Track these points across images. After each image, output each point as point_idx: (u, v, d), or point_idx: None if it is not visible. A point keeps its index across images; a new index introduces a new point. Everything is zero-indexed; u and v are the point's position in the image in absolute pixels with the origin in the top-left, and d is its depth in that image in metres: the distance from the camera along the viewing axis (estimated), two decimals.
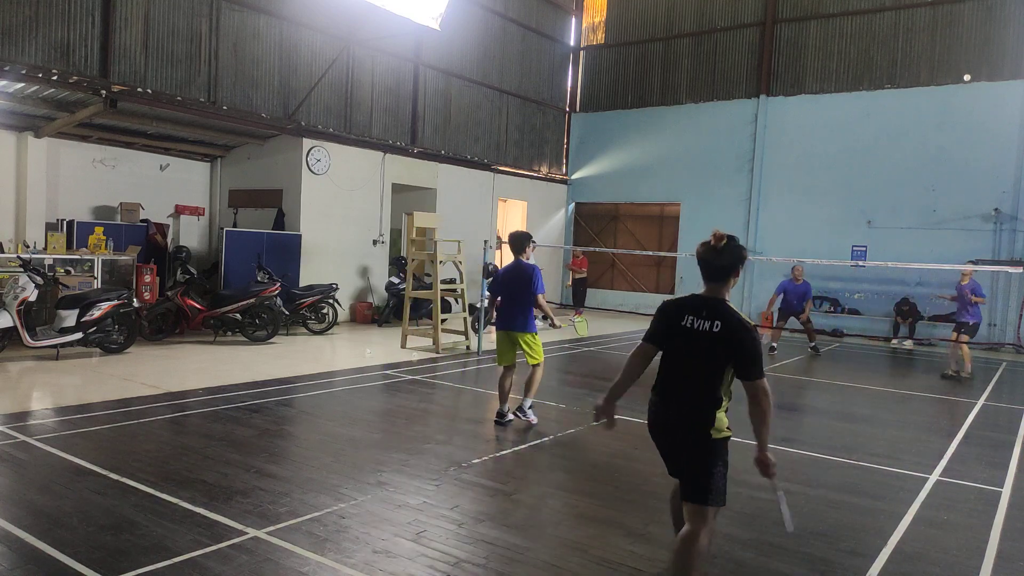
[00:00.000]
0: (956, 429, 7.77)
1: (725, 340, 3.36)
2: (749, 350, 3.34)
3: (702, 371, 3.43)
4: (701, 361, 3.43)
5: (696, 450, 3.44)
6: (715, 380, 3.41)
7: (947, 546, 4.52)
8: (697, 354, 3.43)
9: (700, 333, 3.42)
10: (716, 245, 3.48)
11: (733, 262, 3.48)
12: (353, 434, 6.55)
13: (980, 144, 15.69)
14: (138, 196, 13.63)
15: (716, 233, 3.50)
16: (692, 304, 3.53)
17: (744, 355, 3.34)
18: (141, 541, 3.99)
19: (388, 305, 14.62)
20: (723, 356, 3.38)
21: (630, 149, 20.49)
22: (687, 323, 3.48)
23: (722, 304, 3.46)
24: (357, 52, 14.90)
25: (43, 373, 8.53)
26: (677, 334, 3.51)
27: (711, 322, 3.40)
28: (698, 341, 3.42)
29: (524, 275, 6.97)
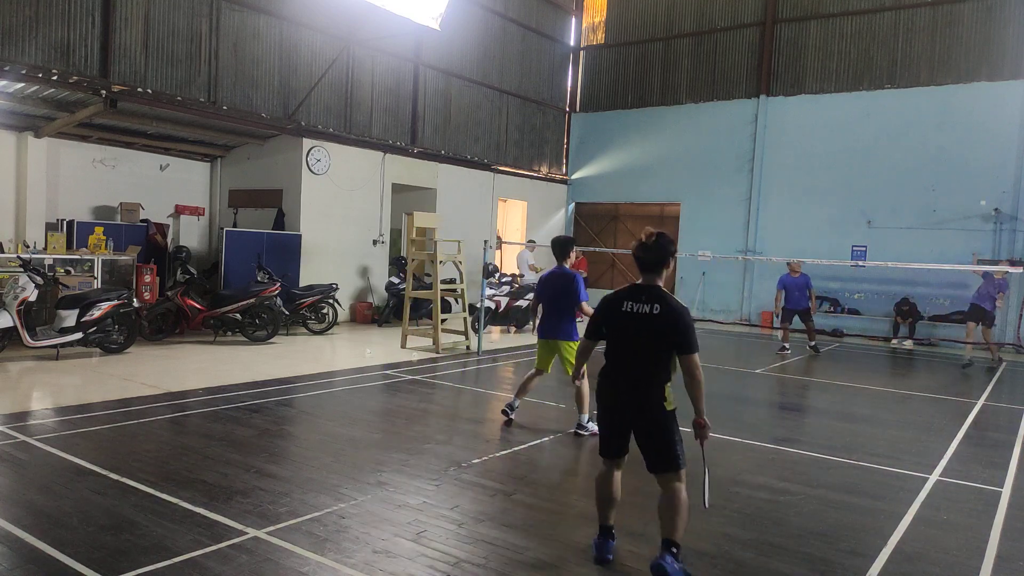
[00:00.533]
0: (956, 429, 7.77)
1: (663, 319, 3.81)
2: (685, 327, 3.80)
3: (649, 349, 3.87)
4: (646, 340, 3.87)
5: (657, 427, 3.87)
6: (662, 357, 3.86)
7: (947, 546, 4.52)
8: (641, 334, 3.87)
9: (641, 316, 3.87)
10: (647, 241, 3.97)
11: (663, 255, 3.96)
12: (353, 434, 6.55)
13: (980, 144, 15.69)
14: (138, 196, 13.63)
15: (647, 231, 3.98)
16: (630, 292, 3.98)
17: (680, 332, 3.80)
18: (141, 541, 3.99)
19: (388, 305, 14.63)
20: (664, 334, 3.82)
21: (630, 149, 20.49)
22: (627, 308, 3.92)
23: (658, 289, 3.93)
24: (357, 52, 14.90)
25: (43, 373, 8.53)
26: (619, 319, 3.95)
27: (650, 305, 3.86)
28: (640, 322, 3.87)
29: (565, 282, 6.83)
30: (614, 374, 3.99)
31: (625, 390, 3.93)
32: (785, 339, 13.50)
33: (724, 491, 5.37)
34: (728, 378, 10.75)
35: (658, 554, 3.80)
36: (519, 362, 11.19)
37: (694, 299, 19.18)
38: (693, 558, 4.14)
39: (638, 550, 4.23)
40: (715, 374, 10.97)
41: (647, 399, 3.86)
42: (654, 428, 3.88)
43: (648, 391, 3.86)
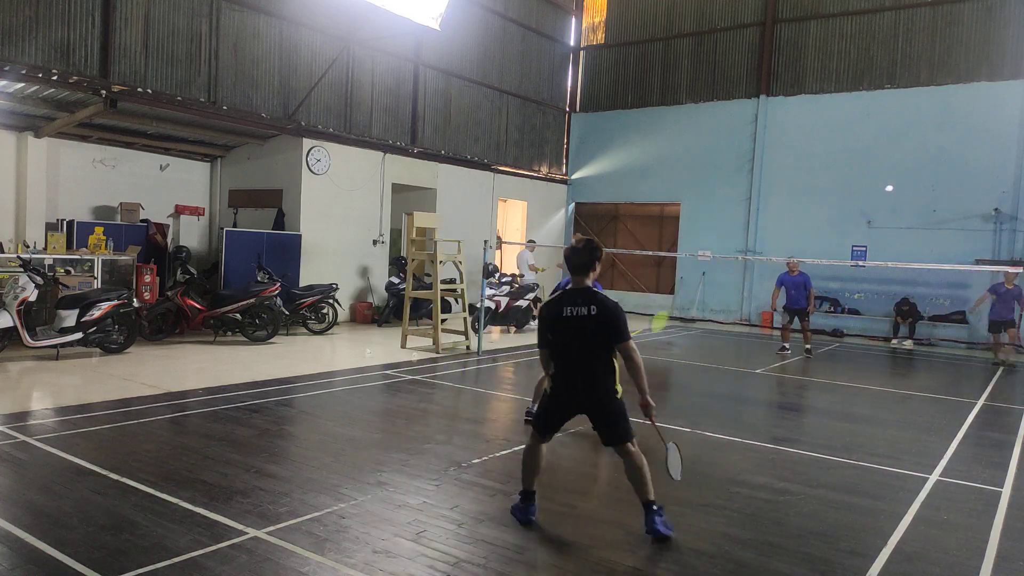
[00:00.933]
0: (956, 429, 7.77)
1: (601, 318, 4.34)
2: (618, 321, 4.34)
3: (593, 345, 4.38)
4: (589, 337, 4.37)
5: (609, 412, 4.45)
6: (606, 351, 4.41)
7: (947, 546, 4.52)
8: (584, 334, 4.37)
9: (580, 317, 4.36)
10: (577, 245, 4.51)
11: (591, 258, 4.47)
12: (353, 434, 6.55)
13: (980, 144, 15.69)
14: (138, 196, 13.63)
15: (576, 236, 4.61)
16: (567, 298, 4.45)
17: (615, 326, 4.34)
18: (141, 541, 3.99)
19: (388, 305, 14.62)
20: (602, 330, 4.35)
21: (630, 149, 20.49)
22: (568, 312, 4.40)
23: (591, 291, 4.43)
24: (357, 52, 14.90)
25: (43, 373, 8.53)
26: (562, 323, 4.41)
27: (587, 307, 4.36)
28: (581, 323, 4.36)
29: None
30: (570, 371, 4.45)
31: (582, 386, 4.43)
32: (785, 339, 13.41)
33: (724, 491, 5.38)
34: (728, 378, 10.75)
35: (646, 519, 4.38)
36: (519, 362, 11.20)
37: (694, 299, 19.19)
38: (693, 558, 4.15)
39: (638, 550, 4.23)
40: (715, 374, 10.97)
41: (602, 390, 4.43)
42: (608, 413, 4.46)
43: (603, 383, 4.42)
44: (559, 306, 4.44)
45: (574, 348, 4.42)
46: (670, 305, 19.65)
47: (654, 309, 19.87)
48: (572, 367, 4.44)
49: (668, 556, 4.16)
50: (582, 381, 4.43)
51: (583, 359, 4.41)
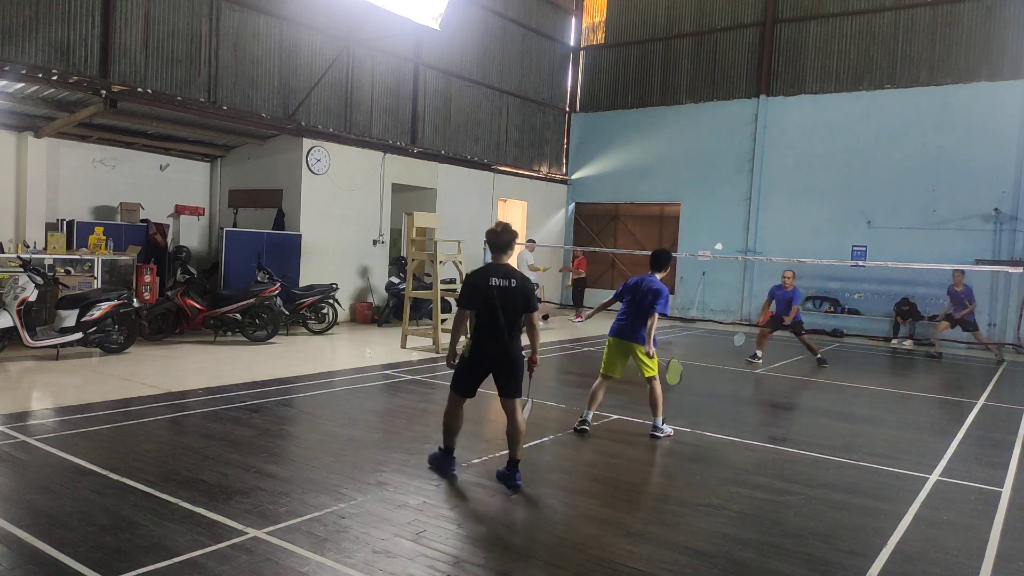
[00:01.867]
0: (956, 429, 7.77)
1: (519, 289, 5.19)
2: (531, 294, 5.30)
3: (512, 312, 5.18)
4: (510, 306, 5.17)
5: (515, 367, 5.21)
6: (519, 318, 5.26)
7: (947, 546, 4.52)
8: (507, 302, 5.16)
9: (504, 288, 5.17)
10: (496, 229, 5.37)
11: (509, 240, 5.37)
12: (353, 434, 6.55)
13: (980, 144, 15.69)
14: (138, 196, 13.63)
15: (498, 221, 5.50)
16: (492, 270, 5.27)
17: (529, 297, 5.26)
18: (141, 541, 3.99)
19: (388, 305, 14.62)
20: (520, 300, 5.20)
21: (630, 149, 20.49)
22: (493, 283, 5.18)
23: (510, 267, 5.32)
24: (357, 52, 14.90)
25: (43, 373, 8.53)
26: (488, 292, 5.15)
27: (508, 280, 5.20)
28: (505, 292, 5.16)
29: (654, 289, 6.91)
30: (490, 333, 5.17)
31: (499, 345, 5.16)
32: (759, 347, 12.07)
33: (724, 491, 5.38)
34: (728, 378, 10.74)
35: (508, 471, 5.21)
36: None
37: (694, 299, 19.19)
38: (693, 558, 4.15)
39: (638, 551, 4.23)
40: (715, 374, 10.97)
41: (513, 348, 5.19)
42: (514, 368, 5.20)
43: (515, 343, 5.20)
44: (486, 276, 5.21)
45: (499, 313, 5.14)
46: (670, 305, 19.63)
47: None
48: (494, 329, 5.15)
49: (668, 556, 4.16)
50: (503, 340, 5.15)
51: (503, 323, 5.15)
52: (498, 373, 5.22)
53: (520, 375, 5.23)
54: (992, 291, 15.54)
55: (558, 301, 20.78)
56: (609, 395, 8.58)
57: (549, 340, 13.86)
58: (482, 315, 5.19)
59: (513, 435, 5.22)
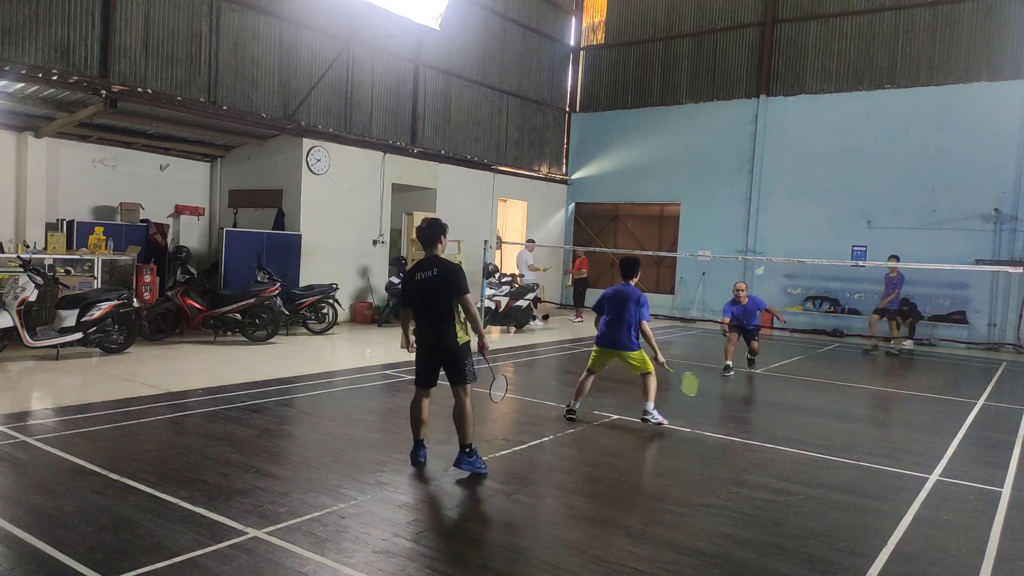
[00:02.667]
0: (956, 429, 7.76)
1: (441, 276, 5.33)
2: (457, 278, 5.32)
3: (440, 301, 5.32)
4: (434, 294, 5.33)
5: (455, 355, 5.38)
6: (447, 303, 5.32)
7: (947, 546, 4.52)
8: (431, 291, 5.34)
9: (427, 279, 5.35)
10: (423, 225, 5.52)
11: (437, 233, 5.47)
12: (353, 434, 6.55)
13: (980, 144, 15.69)
14: (138, 196, 13.63)
15: (424, 218, 5.83)
16: (419, 265, 5.48)
17: (454, 283, 5.31)
18: (141, 541, 3.99)
19: (388, 305, 14.62)
20: (443, 286, 5.31)
21: (630, 149, 20.49)
22: (419, 276, 5.39)
23: (437, 258, 5.43)
24: (357, 52, 14.90)
25: (43, 373, 8.53)
26: (415, 286, 5.40)
27: (431, 270, 5.36)
28: (428, 283, 5.35)
29: (633, 297, 7.22)
30: (424, 324, 5.45)
31: (436, 335, 5.39)
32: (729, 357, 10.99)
33: (724, 491, 5.38)
34: (728, 378, 10.74)
35: (458, 458, 5.41)
36: (519, 362, 11.20)
37: (694, 299, 19.19)
38: (693, 558, 4.15)
39: (638, 550, 4.23)
40: (715, 374, 10.96)
41: (446, 335, 5.35)
42: (452, 355, 5.38)
43: (446, 329, 5.34)
44: (413, 273, 5.47)
45: (426, 305, 5.39)
46: (669, 305, 19.65)
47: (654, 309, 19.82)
48: (426, 320, 5.41)
49: (668, 556, 4.16)
50: (435, 331, 5.39)
51: (433, 313, 5.36)
52: (440, 362, 5.47)
53: (460, 362, 5.38)
54: (992, 291, 15.53)
55: (558, 301, 20.78)
56: (609, 396, 8.60)
57: (549, 340, 13.86)
58: (417, 309, 5.47)
59: (457, 415, 5.43)
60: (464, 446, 5.41)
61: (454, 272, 5.35)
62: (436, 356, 5.46)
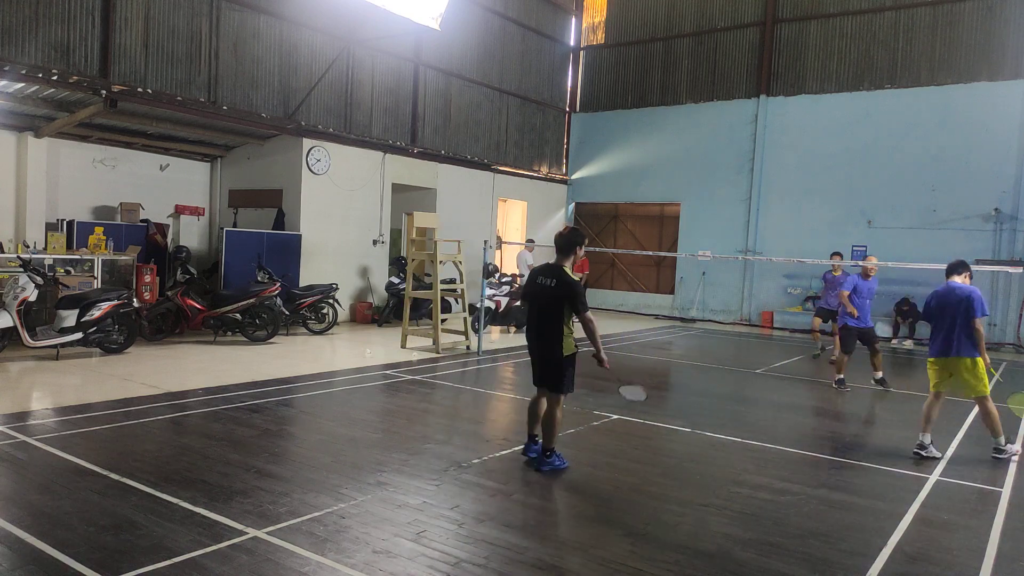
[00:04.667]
0: (956, 429, 7.77)
1: (559, 290, 5.52)
2: (574, 296, 5.50)
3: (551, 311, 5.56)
4: (547, 304, 5.59)
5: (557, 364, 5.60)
6: (560, 316, 5.53)
7: (947, 546, 4.52)
8: (545, 300, 5.61)
9: (546, 288, 5.60)
10: (564, 232, 5.85)
11: (574, 242, 5.72)
12: (353, 434, 6.55)
13: (980, 144, 15.69)
14: (138, 196, 13.63)
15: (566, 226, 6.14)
16: (544, 269, 5.76)
17: (571, 299, 5.50)
18: (141, 541, 3.99)
19: (388, 305, 14.62)
20: (559, 300, 5.52)
21: (630, 149, 20.49)
22: (540, 280, 5.67)
23: (561, 270, 5.62)
24: (357, 52, 14.90)
25: (43, 373, 8.53)
26: (535, 288, 5.70)
27: (552, 280, 5.59)
28: (546, 291, 5.60)
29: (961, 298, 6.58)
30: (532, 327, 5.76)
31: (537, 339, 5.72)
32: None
33: (724, 491, 5.38)
34: (728, 378, 10.75)
35: (539, 459, 5.66)
36: (519, 362, 11.20)
37: (694, 299, 19.19)
38: (693, 558, 4.15)
39: (638, 550, 4.23)
40: (715, 374, 10.97)
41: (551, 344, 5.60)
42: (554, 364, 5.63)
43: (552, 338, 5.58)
44: (536, 274, 5.77)
45: (538, 310, 5.68)
46: (669, 305, 19.65)
47: (654, 309, 19.90)
48: (535, 324, 5.73)
49: (668, 556, 4.16)
50: (540, 337, 5.68)
51: (541, 319, 5.65)
52: (543, 367, 5.72)
53: (560, 372, 5.56)
54: (992, 291, 15.52)
55: None
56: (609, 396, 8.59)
57: None
58: (530, 311, 5.83)
59: (545, 421, 5.66)
60: (546, 450, 5.61)
61: (573, 290, 5.51)
62: (541, 361, 5.72)
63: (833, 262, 12.77)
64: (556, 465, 5.63)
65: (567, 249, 5.70)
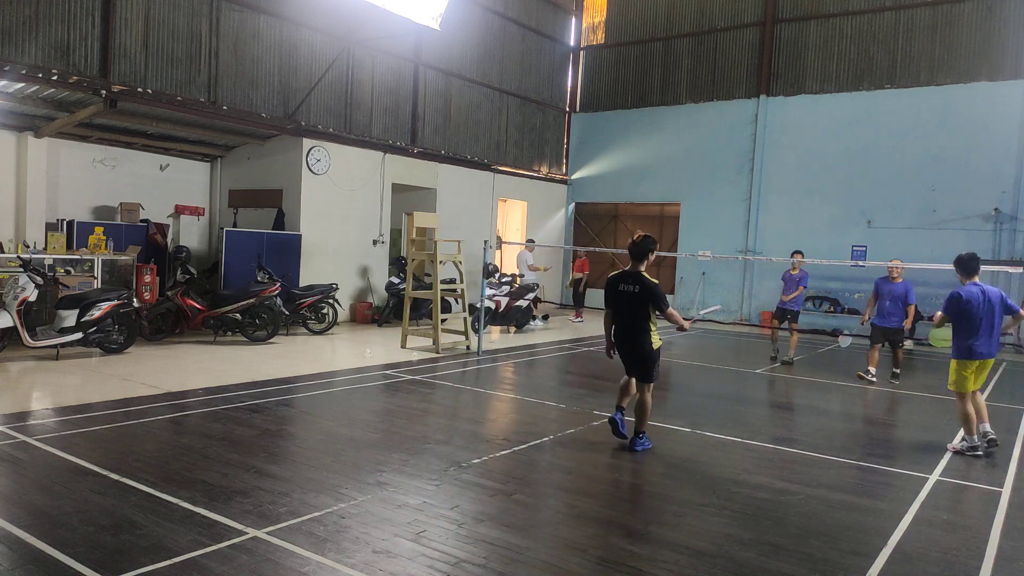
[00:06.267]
0: (956, 429, 7.76)
1: (644, 294, 6.19)
2: (656, 298, 6.20)
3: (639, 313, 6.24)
4: (636, 307, 6.24)
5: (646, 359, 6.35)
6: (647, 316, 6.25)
7: (947, 546, 4.52)
8: (633, 304, 6.25)
9: (632, 294, 6.24)
10: (637, 239, 6.38)
11: (646, 249, 6.36)
12: (353, 434, 6.55)
13: (980, 144, 15.69)
14: (138, 196, 13.63)
15: (639, 232, 6.50)
16: (623, 277, 6.36)
17: (654, 300, 6.20)
18: (141, 541, 3.99)
19: (388, 305, 14.62)
20: (646, 302, 6.20)
21: (630, 149, 20.49)
22: (622, 288, 6.30)
23: (639, 275, 6.28)
24: (357, 52, 14.90)
25: (43, 373, 8.53)
26: (619, 296, 6.33)
27: (634, 286, 6.24)
28: (632, 297, 6.24)
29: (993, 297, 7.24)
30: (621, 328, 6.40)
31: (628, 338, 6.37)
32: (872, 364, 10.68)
33: (724, 491, 5.38)
34: (728, 378, 10.75)
35: (632, 439, 6.38)
36: (519, 362, 11.20)
37: (694, 299, 19.18)
38: (693, 558, 4.15)
39: (638, 550, 4.23)
40: (715, 374, 10.97)
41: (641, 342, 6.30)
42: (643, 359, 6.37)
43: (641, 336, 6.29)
44: (616, 281, 6.36)
45: (627, 314, 6.29)
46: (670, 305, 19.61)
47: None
48: (625, 326, 6.34)
49: (668, 556, 4.16)
50: (631, 336, 6.32)
51: (631, 321, 6.28)
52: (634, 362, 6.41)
53: (649, 365, 6.32)
54: None
55: (558, 301, 20.78)
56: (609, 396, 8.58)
57: (549, 340, 13.86)
58: (616, 316, 6.40)
59: (638, 407, 6.38)
60: (639, 432, 6.37)
61: (653, 291, 6.17)
62: (632, 356, 6.38)
63: (794, 260, 12.47)
64: (647, 446, 6.37)
65: (642, 256, 6.31)
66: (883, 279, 11.03)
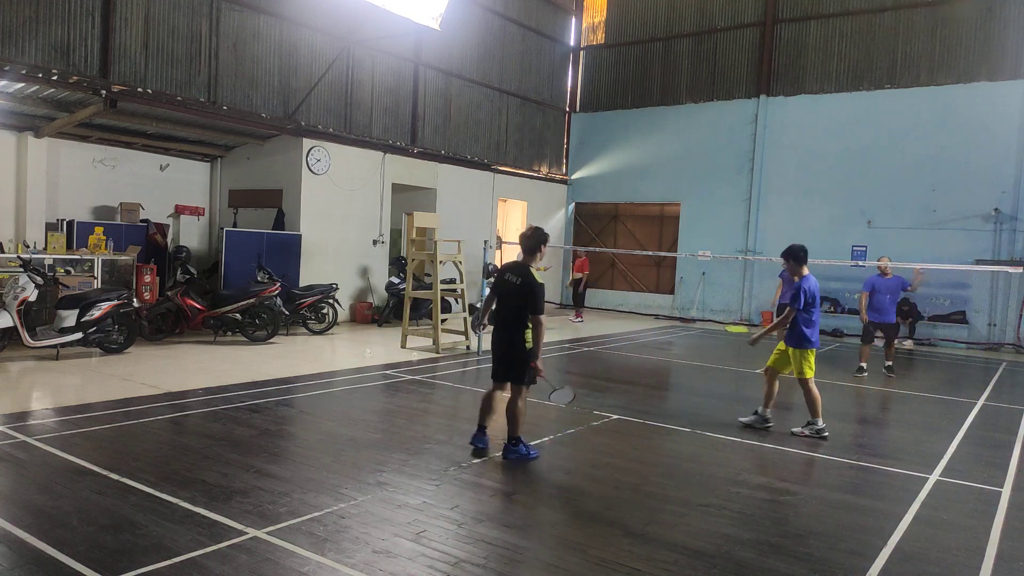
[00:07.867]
0: (956, 429, 7.76)
1: (524, 289, 5.75)
2: (534, 297, 5.71)
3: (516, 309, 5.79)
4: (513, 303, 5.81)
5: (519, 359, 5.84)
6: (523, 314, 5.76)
7: (947, 546, 4.52)
8: (512, 299, 5.82)
9: (513, 286, 5.82)
10: (527, 232, 6.03)
11: (537, 242, 5.96)
12: (353, 434, 6.55)
13: (980, 144, 15.69)
14: (138, 196, 13.63)
15: (530, 225, 6.35)
16: (511, 267, 5.98)
17: (531, 299, 5.71)
18: (141, 541, 3.99)
19: (388, 305, 14.62)
20: (523, 300, 5.75)
21: (630, 149, 20.49)
22: (507, 278, 5.87)
23: (527, 270, 5.82)
24: (357, 52, 14.90)
25: (43, 373, 8.53)
26: (502, 285, 5.93)
27: (518, 279, 5.80)
28: (512, 290, 5.81)
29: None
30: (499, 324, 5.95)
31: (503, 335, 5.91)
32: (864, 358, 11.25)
33: (724, 491, 5.38)
34: (728, 378, 10.75)
35: (505, 448, 5.85)
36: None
37: (694, 299, 19.18)
38: (693, 558, 4.15)
39: (638, 550, 4.23)
40: (715, 374, 10.97)
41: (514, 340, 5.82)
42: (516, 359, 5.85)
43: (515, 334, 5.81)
44: (504, 271, 5.99)
45: (504, 308, 5.91)
46: (669, 305, 19.65)
47: (654, 309, 19.90)
48: (501, 321, 5.94)
49: (667, 556, 4.16)
50: (506, 333, 5.86)
51: (507, 316, 5.87)
52: (506, 363, 5.93)
53: (519, 365, 5.80)
54: (992, 291, 15.54)
55: (558, 301, 20.77)
56: (609, 396, 8.59)
57: (549, 340, 13.84)
58: (496, 308, 6.02)
59: (508, 410, 5.88)
60: (512, 438, 5.87)
61: (532, 290, 5.72)
62: (504, 354, 5.91)
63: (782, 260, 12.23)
64: (522, 453, 5.82)
65: (532, 249, 5.95)
66: (875, 276, 11.25)
